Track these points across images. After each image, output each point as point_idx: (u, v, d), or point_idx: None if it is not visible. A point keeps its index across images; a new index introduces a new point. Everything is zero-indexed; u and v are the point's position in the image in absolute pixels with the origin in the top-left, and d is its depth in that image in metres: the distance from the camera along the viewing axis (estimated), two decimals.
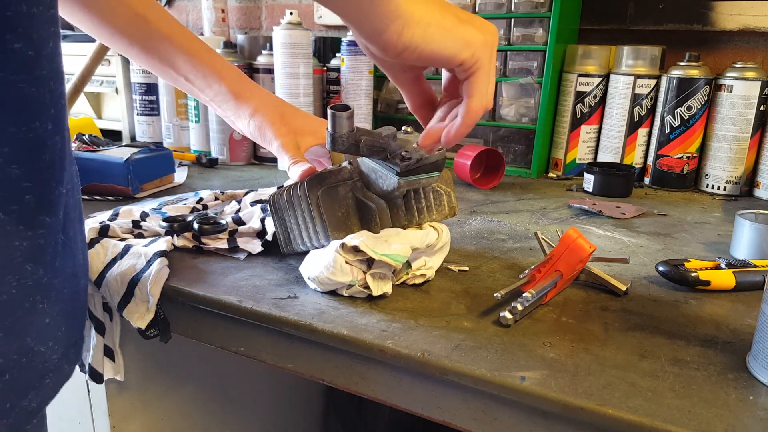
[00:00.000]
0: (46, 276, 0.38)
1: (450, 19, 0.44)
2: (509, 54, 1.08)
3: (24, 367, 0.38)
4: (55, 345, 0.41)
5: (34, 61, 0.33)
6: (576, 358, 0.44)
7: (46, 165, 0.35)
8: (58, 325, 0.41)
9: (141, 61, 0.67)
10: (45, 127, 0.35)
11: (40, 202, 0.36)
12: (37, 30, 0.33)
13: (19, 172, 0.33)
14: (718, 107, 0.98)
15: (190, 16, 1.64)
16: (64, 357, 0.43)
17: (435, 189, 0.60)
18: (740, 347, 0.46)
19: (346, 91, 1.15)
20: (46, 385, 0.41)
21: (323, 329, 0.49)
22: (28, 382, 0.39)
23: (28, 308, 0.37)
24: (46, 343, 0.39)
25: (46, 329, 0.39)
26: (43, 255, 0.37)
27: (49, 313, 0.39)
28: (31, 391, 0.39)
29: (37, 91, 0.33)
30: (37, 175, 0.35)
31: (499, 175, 1.00)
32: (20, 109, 0.33)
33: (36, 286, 0.37)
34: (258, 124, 0.67)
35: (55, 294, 0.39)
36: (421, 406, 0.47)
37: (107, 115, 1.40)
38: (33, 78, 0.33)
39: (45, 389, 0.41)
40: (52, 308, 0.39)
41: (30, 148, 0.34)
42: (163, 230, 0.67)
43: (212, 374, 0.88)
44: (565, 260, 0.53)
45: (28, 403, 0.39)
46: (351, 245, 0.52)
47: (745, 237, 0.67)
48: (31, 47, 0.32)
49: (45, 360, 0.40)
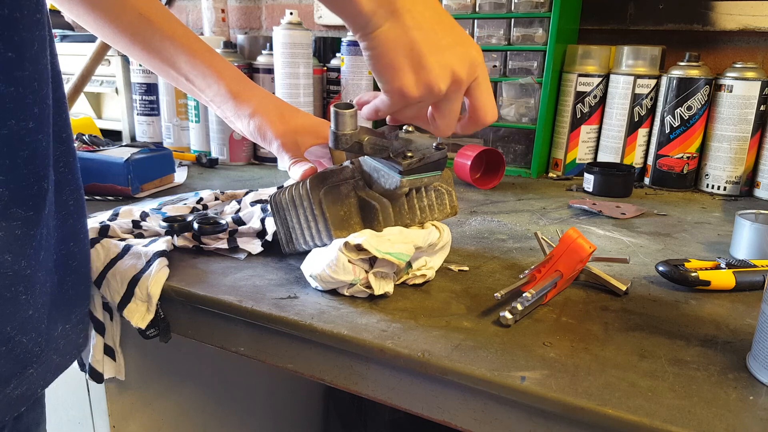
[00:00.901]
0: (28, 268, 0.38)
1: None
2: (509, 54, 1.08)
3: (3, 355, 0.39)
4: (38, 337, 0.41)
5: (14, 62, 0.34)
6: (576, 358, 0.44)
7: (24, 161, 0.36)
8: (41, 317, 0.41)
9: (143, 61, 0.68)
10: (24, 126, 0.36)
11: (15, 195, 0.36)
12: (19, 33, 0.34)
13: None
14: (718, 107, 0.98)
15: (190, 16, 1.64)
16: (51, 348, 0.43)
17: (436, 188, 0.60)
18: (740, 347, 0.46)
19: (346, 91, 1.15)
20: (29, 374, 0.41)
21: (323, 329, 0.49)
22: (9, 370, 0.40)
23: (9, 298, 0.38)
24: (28, 333, 0.40)
25: (28, 321, 0.40)
26: (22, 247, 0.37)
27: (32, 305, 0.40)
28: (14, 379, 0.40)
29: (15, 90, 0.35)
30: (12, 170, 0.36)
31: (499, 175, 1.00)
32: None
33: (17, 277, 0.38)
34: (257, 124, 0.67)
35: (39, 287, 0.40)
36: (421, 406, 0.47)
37: (107, 115, 1.40)
38: (11, 78, 0.34)
39: (29, 378, 0.42)
40: (36, 300, 0.40)
41: (6, 144, 0.35)
42: (163, 230, 0.67)
43: (212, 374, 0.88)
44: (565, 260, 0.53)
45: (12, 390, 0.40)
46: (354, 244, 0.52)
47: (745, 237, 0.67)
48: (11, 49, 0.33)
49: (26, 351, 0.41)
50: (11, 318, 0.38)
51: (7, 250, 0.37)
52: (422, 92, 0.45)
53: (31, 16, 0.35)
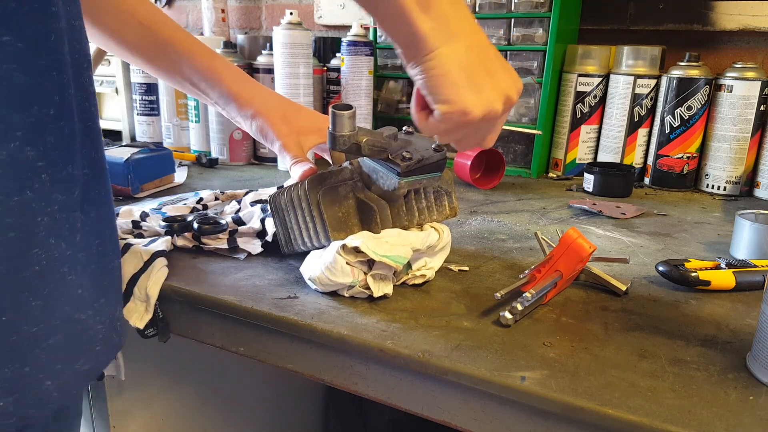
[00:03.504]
0: (69, 249, 0.41)
1: None
2: (509, 54, 1.08)
3: (70, 333, 0.42)
4: (96, 315, 0.44)
5: (28, 52, 0.36)
6: (576, 358, 0.44)
7: (52, 146, 0.38)
8: (92, 296, 0.44)
9: (150, 69, 0.70)
10: (46, 113, 0.38)
11: (54, 181, 0.39)
12: (30, 25, 0.36)
13: (32, 153, 0.37)
14: (718, 107, 0.98)
15: (190, 16, 1.64)
16: (111, 328, 0.47)
17: (436, 189, 0.60)
18: (740, 347, 0.46)
19: (346, 91, 1.15)
20: (96, 351, 0.45)
21: (323, 329, 0.49)
22: (78, 347, 0.43)
23: (58, 279, 0.40)
24: (85, 311, 0.43)
25: (81, 299, 0.42)
26: (61, 230, 0.40)
27: (80, 284, 0.42)
28: (82, 355, 0.43)
29: (33, 80, 0.37)
30: (45, 156, 0.38)
31: (499, 175, 1.00)
32: (17, 96, 0.36)
33: (62, 259, 0.40)
34: (259, 124, 0.67)
35: (81, 267, 0.42)
36: (421, 406, 0.47)
37: (107, 115, 1.40)
38: (26, 68, 0.36)
39: (96, 355, 0.45)
40: (82, 280, 0.42)
41: (34, 131, 0.37)
42: (163, 230, 0.67)
43: (212, 374, 0.88)
44: (565, 260, 0.53)
45: (80, 366, 0.43)
46: (352, 246, 0.52)
47: (745, 237, 0.67)
48: (21, 40, 0.35)
49: (89, 327, 0.44)
50: (66, 298, 0.41)
51: (53, 234, 0.39)
52: (484, 111, 0.45)
53: (43, 9, 0.36)
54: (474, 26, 0.45)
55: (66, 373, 0.42)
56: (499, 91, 0.46)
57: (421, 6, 0.43)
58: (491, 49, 0.47)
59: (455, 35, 0.44)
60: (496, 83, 0.46)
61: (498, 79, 0.46)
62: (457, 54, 0.44)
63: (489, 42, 0.47)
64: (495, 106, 0.46)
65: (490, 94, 0.45)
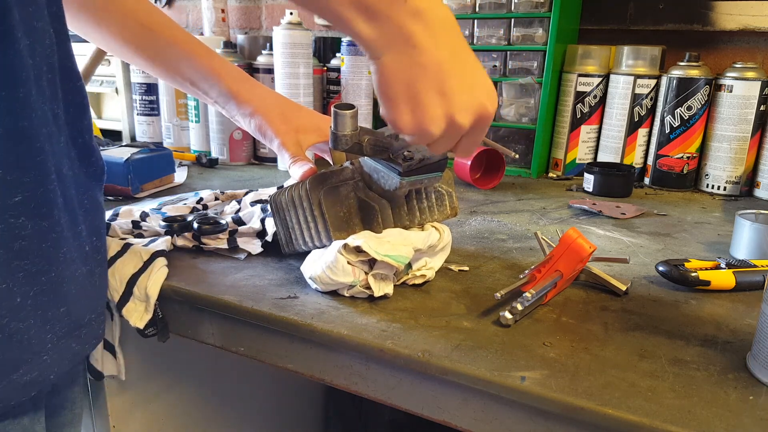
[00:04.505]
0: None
1: None
2: (509, 54, 1.08)
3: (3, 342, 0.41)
4: (45, 324, 0.43)
5: None
6: (576, 358, 0.44)
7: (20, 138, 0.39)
8: (35, 305, 0.43)
9: (151, 70, 0.70)
10: (28, 94, 0.38)
11: None
12: None
13: None
14: (718, 107, 0.98)
15: (190, 16, 1.64)
16: (72, 336, 0.46)
17: (437, 189, 0.60)
18: (740, 347, 0.46)
19: (346, 91, 1.15)
20: (43, 361, 0.44)
21: (323, 329, 0.49)
22: (16, 356, 0.42)
23: None
24: (26, 320, 0.42)
25: (19, 308, 0.42)
26: None
27: (19, 293, 0.42)
28: (22, 365, 0.42)
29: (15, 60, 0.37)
30: None
31: (499, 175, 1.00)
32: None
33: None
34: (258, 123, 0.67)
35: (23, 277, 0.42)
36: (421, 406, 0.47)
37: (107, 115, 1.40)
38: None
39: (42, 365, 0.43)
40: (23, 289, 0.42)
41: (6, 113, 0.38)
42: (163, 230, 0.67)
43: (212, 374, 0.88)
44: (565, 260, 0.53)
45: (19, 377, 0.42)
46: (353, 246, 0.52)
47: (745, 237, 0.67)
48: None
49: (31, 337, 0.42)
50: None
51: None
52: (414, 132, 0.43)
53: (23, 8, 0.37)
54: (442, 40, 0.42)
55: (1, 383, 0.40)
56: (444, 112, 0.43)
57: (365, 14, 0.41)
58: (455, 64, 0.42)
59: (409, 43, 0.41)
60: (447, 103, 0.42)
61: (452, 100, 0.42)
62: (402, 67, 0.42)
63: (458, 54, 0.43)
64: (430, 129, 0.43)
65: (432, 113, 0.42)
